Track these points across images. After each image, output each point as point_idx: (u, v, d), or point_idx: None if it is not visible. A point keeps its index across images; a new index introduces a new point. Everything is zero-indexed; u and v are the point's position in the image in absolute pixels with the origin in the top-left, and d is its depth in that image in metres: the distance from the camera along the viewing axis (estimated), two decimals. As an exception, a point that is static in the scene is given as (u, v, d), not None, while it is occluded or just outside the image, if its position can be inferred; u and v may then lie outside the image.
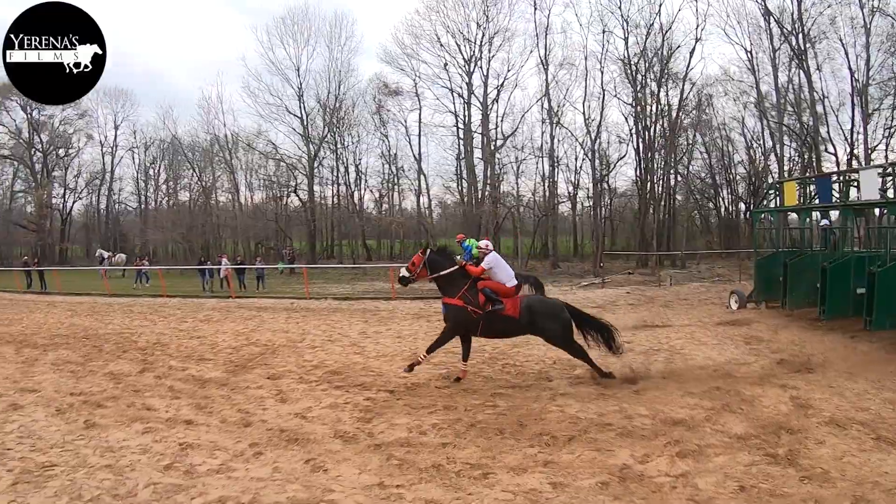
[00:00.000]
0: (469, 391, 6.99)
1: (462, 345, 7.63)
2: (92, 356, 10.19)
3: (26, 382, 8.34)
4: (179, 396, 7.47)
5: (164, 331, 12.90)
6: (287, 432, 5.86)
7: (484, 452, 5.09)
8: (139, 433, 6.09)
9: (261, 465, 5.17)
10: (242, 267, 24.40)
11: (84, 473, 5.09)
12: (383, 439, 5.54)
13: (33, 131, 44.87)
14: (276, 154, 37.86)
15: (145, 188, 45.23)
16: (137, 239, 44.00)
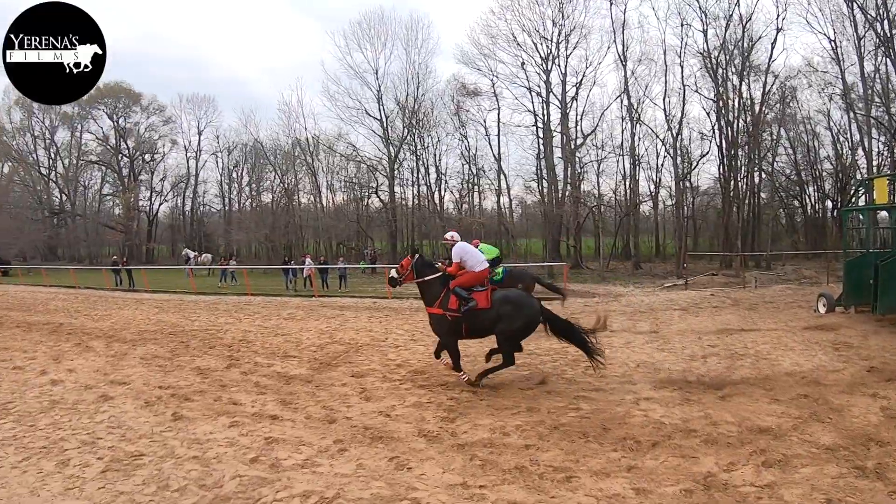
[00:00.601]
0: (552, 393, 7.59)
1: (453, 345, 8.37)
2: (179, 351, 11.60)
3: (116, 375, 9.69)
4: (265, 392, 8.38)
5: (249, 328, 14.32)
6: (371, 430, 6.52)
7: (567, 455, 5.55)
8: (226, 427, 6.93)
9: (345, 461, 5.75)
10: (325, 267, 26.84)
11: (172, 464, 5.90)
12: (467, 439, 6.09)
13: (120, 138, 53.29)
14: (357, 156, 42.14)
15: (229, 190, 51.94)
16: (221, 239, 50.14)
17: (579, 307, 16.62)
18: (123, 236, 53.15)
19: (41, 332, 14.53)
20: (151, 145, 54.06)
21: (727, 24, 31.37)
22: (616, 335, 11.77)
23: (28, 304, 22.06)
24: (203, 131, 51.91)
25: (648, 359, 9.52)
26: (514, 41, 35.28)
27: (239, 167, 51.12)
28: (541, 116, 35.92)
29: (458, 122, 39.10)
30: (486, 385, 8.07)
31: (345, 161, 43.62)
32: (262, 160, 48.11)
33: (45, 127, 55.40)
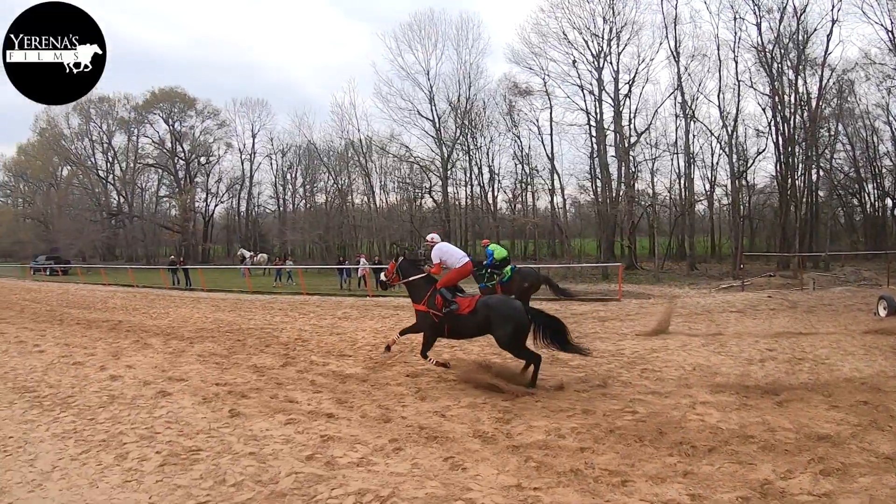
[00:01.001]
0: (608, 396, 7.63)
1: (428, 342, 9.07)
2: (236, 349, 11.95)
3: (174, 372, 10.06)
4: (321, 390, 8.57)
5: (304, 327, 14.64)
6: (426, 429, 6.63)
7: (623, 459, 5.58)
8: (282, 424, 7.11)
9: (400, 460, 5.85)
10: (380, 267, 26.60)
11: (229, 459, 6.08)
12: (522, 441, 6.15)
13: (175, 141, 56.53)
14: (410, 157, 43.56)
15: (283, 191, 54.35)
16: (276, 239, 52.11)
17: (634, 308, 16.50)
18: (180, 237, 55.84)
19: (101, 330, 15.19)
20: (207, 148, 57.01)
21: (781, 17, 31.03)
22: (672, 337, 11.80)
23: (88, 302, 23.15)
24: (257, 134, 54.55)
25: (705, 362, 9.50)
26: (564, 39, 35.60)
27: (293, 169, 53.32)
28: (593, 115, 36.06)
29: (510, 121, 39.85)
30: (541, 387, 8.11)
31: (398, 162, 44.99)
32: (315, 161, 49.98)
33: (102, 132, 59.04)
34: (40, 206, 65.25)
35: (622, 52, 34.78)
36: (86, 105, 57.66)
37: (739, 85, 32.67)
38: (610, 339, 11.72)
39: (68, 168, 62.34)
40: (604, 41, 34.78)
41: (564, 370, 9.07)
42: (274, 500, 5.15)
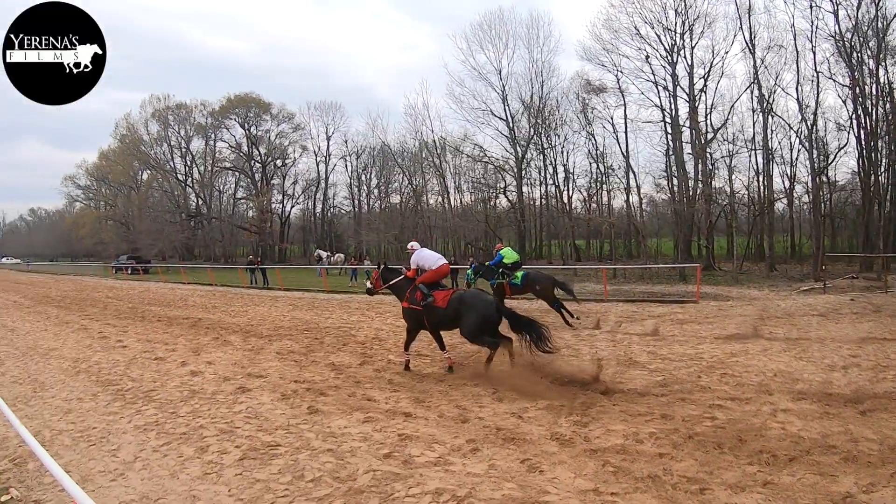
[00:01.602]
0: (687, 401, 7.60)
1: (434, 339, 10.06)
2: (314, 347, 12.29)
3: (253, 369, 10.43)
4: (398, 389, 8.72)
5: (381, 326, 14.92)
6: (504, 431, 6.70)
7: (701, 466, 5.56)
8: (360, 422, 7.26)
9: (477, 461, 5.90)
10: (455, 267, 27.03)
11: (307, 455, 6.24)
12: (599, 445, 6.19)
13: (252, 145, 59.57)
14: (484, 157, 44.05)
15: (358, 192, 56.21)
16: (351, 240, 53.19)
17: (713, 311, 16.06)
18: (257, 237, 58.31)
19: (181, 326, 15.93)
20: (282, 151, 59.88)
21: (858, 3, 29.23)
22: (751, 341, 11.53)
23: (168, 300, 24.26)
24: (331, 136, 56.80)
25: (786, 368, 9.31)
26: (636, 34, 35.13)
27: (368, 170, 55.04)
28: (668, 111, 35.46)
29: (584, 119, 39.58)
30: (620, 390, 8.15)
31: (471, 162, 45.60)
32: (389, 163, 51.54)
33: (180, 137, 62.99)
34: (121, 209, 70.05)
35: (695, 45, 34.09)
36: (164, 112, 62.09)
37: (818, 76, 31.29)
38: (689, 342, 11.53)
39: (148, 172, 66.69)
40: (676, 35, 34.16)
41: (643, 374, 9.06)
42: (351, 497, 5.26)
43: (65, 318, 19.37)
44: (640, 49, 35.20)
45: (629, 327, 13.81)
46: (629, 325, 14.06)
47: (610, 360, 9.99)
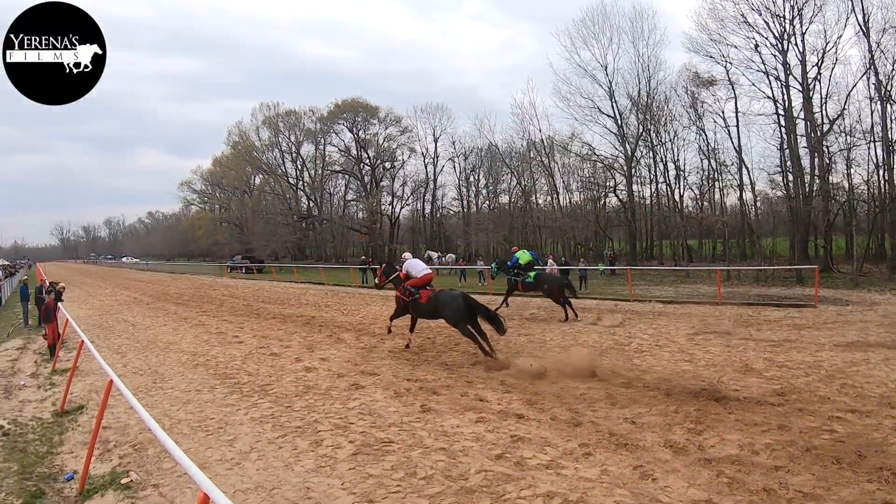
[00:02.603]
0: (805, 412, 7.37)
1: (412, 322, 12.59)
2: (426, 347, 12.51)
3: (366, 366, 10.74)
4: (511, 390, 8.74)
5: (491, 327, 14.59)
6: (617, 436, 6.68)
7: (818, 482, 5.38)
8: (472, 422, 7.34)
9: (590, 465, 5.86)
10: (567, 268, 27.56)
11: (419, 453, 6.36)
12: (714, 454, 6.10)
13: (360, 148, 62.00)
14: (592, 155, 43.39)
15: (467, 193, 56.81)
16: (461, 240, 53.47)
17: (832, 316, 15.14)
18: (367, 238, 59.92)
19: (295, 324, 16.60)
20: (391, 154, 61.71)
21: None
22: (873, 349, 10.85)
23: (282, 299, 25.30)
24: (439, 138, 57.93)
25: None
26: (744, 22, 33.42)
27: (476, 170, 55.60)
28: (781, 102, 33.51)
29: (693, 114, 38.28)
30: (735, 398, 7.92)
31: (580, 160, 45.16)
32: (497, 163, 51.85)
33: (290, 142, 66.72)
34: (235, 211, 74.71)
35: (806, 31, 32.05)
36: (274, 119, 65.88)
37: (939, 57, 28.50)
38: (807, 349, 11.00)
39: (260, 176, 70.92)
40: (785, 21, 32.27)
41: (759, 381, 8.82)
42: (463, 496, 5.31)
43: (183, 315, 20.68)
44: (748, 38, 33.65)
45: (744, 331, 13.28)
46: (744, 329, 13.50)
47: (725, 366, 9.83)
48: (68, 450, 7.41)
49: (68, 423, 8.48)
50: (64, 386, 9.92)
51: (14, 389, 10.78)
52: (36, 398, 10.09)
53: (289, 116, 66.03)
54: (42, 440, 7.83)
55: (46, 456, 7.22)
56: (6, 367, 12.78)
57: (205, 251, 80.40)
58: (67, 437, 7.89)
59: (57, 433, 8.09)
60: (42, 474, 6.62)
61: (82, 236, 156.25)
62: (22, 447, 7.54)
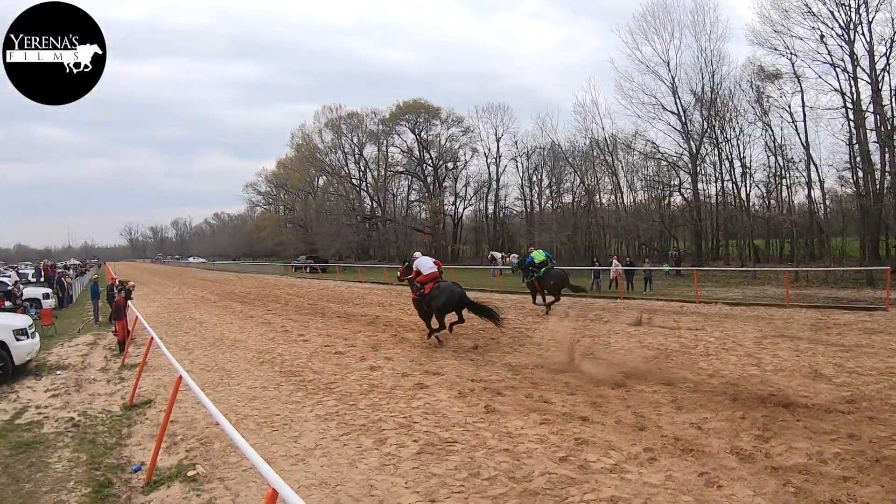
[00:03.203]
0: (875, 420, 7.16)
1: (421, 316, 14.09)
2: (490, 347, 12.51)
3: (430, 366, 10.83)
4: (575, 393, 8.67)
5: (556, 328, 14.68)
6: (682, 441, 6.59)
7: (888, 494, 5.24)
8: (536, 423, 7.32)
9: (654, 471, 5.79)
10: (632, 268, 27.30)
11: (483, 453, 6.37)
12: (781, 462, 5.95)
13: (423, 149, 62.80)
14: (656, 153, 42.73)
15: (530, 193, 56.85)
16: (524, 240, 53.40)
17: None
18: (430, 238, 60.19)
19: (359, 323, 16.86)
20: (453, 154, 62.33)
21: None
22: None
23: (346, 298, 25.69)
24: (501, 138, 58.20)
25: None
26: (808, 12, 32.21)
27: (538, 170, 55.48)
28: (849, 95, 32.12)
29: (759, 109, 37.14)
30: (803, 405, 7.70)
31: (644, 158, 44.56)
32: (560, 162, 51.52)
33: (353, 144, 67.82)
34: (300, 212, 76.49)
35: (873, 19, 30.56)
36: (336, 121, 67.14)
37: None
38: (878, 354, 10.65)
39: (324, 177, 72.37)
40: (851, 10, 30.90)
41: (829, 388, 8.57)
42: (526, 498, 5.31)
43: (249, 313, 21.20)
44: (813, 28, 32.41)
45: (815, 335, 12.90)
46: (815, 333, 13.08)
47: (793, 371, 9.60)
48: (136, 442, 7.73)
49: (136, 417, 8.84)
50: (133, 380, 10.35)
51: (85, 383, 11.34)
52: (105, 392, 10.58)
53: (351, 118, 67.18)
54: (111, 432, 8.19)
55: (115, 447, 7.55)
56: (77, 362, 13.41)
57: (270, 251, 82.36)
58: (135, 430, 8.23)
59: (125, 426, 8.45)
60: (110, 465, 6.92)
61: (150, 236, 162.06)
62: (91, 438, 7.91)
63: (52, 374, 12.13)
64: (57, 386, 11.12)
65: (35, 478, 6.59)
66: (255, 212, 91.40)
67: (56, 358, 13.97)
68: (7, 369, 11.53)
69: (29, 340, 12.21)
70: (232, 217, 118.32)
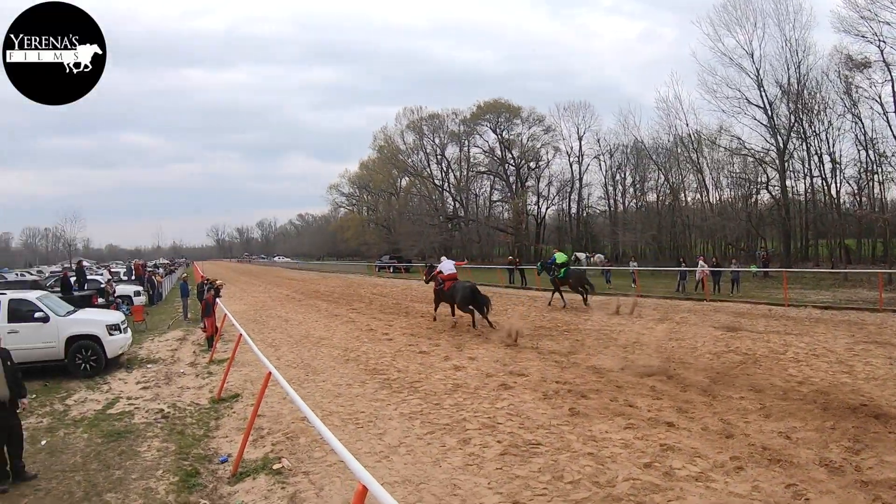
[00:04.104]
0: None
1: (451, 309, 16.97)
2: (575, 349, 12.39)
3: (514, 367, 10.78)
4: (661, 397, 8.50)
5: (641, 330, 14.60)
6: (769, 451, 6.40)
7: None
8: (621, 428, 7.21)
9: (741, 480, 5.63)
10: (718, 269, 26.36)
11: (567, 457, 6.33)
12: (871, 476, 5.72)
13: (504, 149, 63.28)
14: (742, 149, 41.29)
15: (613, 192, 56.26)
16: (607, 240, 52.47)
17: None
18: (513, 238, 60.15)
19: (443, 323, 16.96)
20: (535, 153, 62.44)
21: None
22: None
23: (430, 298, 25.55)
24: (583, 136, 58.05)
25: None
26: None
27: (622, 168, 54.75)
28: None
29: (848, 101, 35.54)
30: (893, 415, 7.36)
31: (729, 155, 43.18)
32: (644, 160, 50.69)
33: (434, 145, 69.02)
34: (383, 213, 78.19)
35: None
36: (418, 122, 68.43)
37: None
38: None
39: (406, 178, 73.59)
40: None
41: None
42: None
43: (334, 311, 21.71)
44: None
45: None
46: None
47: (886, 380, 9.13)
48: (223, 434, 8.04)
49: (224, 410, 9.20)
50: (220, 375, 10.81)
51: (174, 376, 11.88)
52: (194, 385, 11.05)
53: (432, 120, 68.23)
54: (199, 424, 8.55)
55: (202, 439, 7.88)
56: (167, 356, 14.06)
57: (353, 251, 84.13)
58: (223, 423, 8.56)
59: (213, 418, 8.80)
60: (198, 455, 7.22)
61: (236, 237, 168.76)
62: (180, 429, 8.27)
63: (142, 368, 12.81)
64: (147, 378, 11.72)
65: (125, 465, 6.96)
66: (339, 213, 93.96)
67: (146, 352, 14.72)
68: (100, 362, 12.17)
69: (121, 335, 12.87)
70: (316, 218, 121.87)
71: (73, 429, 8.48)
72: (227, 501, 5.93)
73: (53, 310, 12.24)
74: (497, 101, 62.75)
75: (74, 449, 7.58)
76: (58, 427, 8.58)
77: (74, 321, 12.37)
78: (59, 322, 12.05)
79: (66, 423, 8.80)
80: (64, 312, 12.57)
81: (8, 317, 11.65)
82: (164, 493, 6.12)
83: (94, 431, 8.27)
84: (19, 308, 11.88)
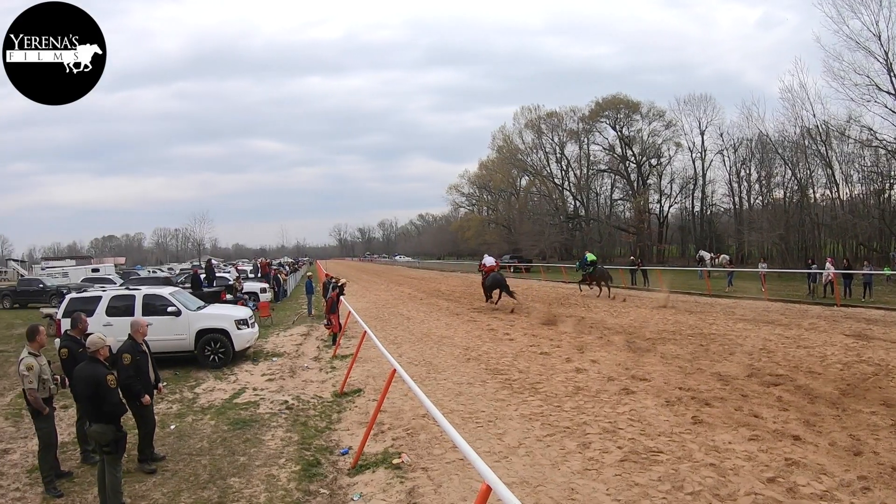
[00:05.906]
0: None
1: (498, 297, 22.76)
2: (699, 355, 11.98)
3: (637, 371, 10.59)
4: (787, 409, 8.09)
5: (768, 336, 13.88)
6: None
7: None
8: (745, 439, 6.95)
9: (867, 501, 5.29)
10: (849, 272, 24.13)
11: (688, 466, 6.17)
12: None
13: (625, 146, 61.72)
14: (874, 140, 37.47)
15: (738, 189, 53.07)
16: (732, 240, 50.04)
17: None
18: (635, 238, 58.64)
19: (564, 324, 16.82)
20: (656, 150, 60.37)
21: None
22: None
23: (551, 298, 25.92)
24: (705, 131, 55.46)
25: None
26: None
27: (746, 163, 51.64)
28: None
29: None
30: None
31: (860, 147, 39.40)
32: (770, 154, 47.48)
33: (553, 144, 68.44)
34: (503, 213, 78.13)
35: None
36: (536, 121, 68.03)
37: None
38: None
39: (526, 178, 73.23)
40: None
41: None
42: None
43: (455, 310, 22.06)
44: None
45: None
46: None
47: None
48: (345, 427, 8.37)
49: (346, 404, 9.56)
50: (343, 370, 11.27)
51: (298, 370, 12.46)
52: (317, 379, 11.54)
53: (550, 118, 67.58)
54: (321, 416, 8.95)
55: (324, 431, 8.25)
56: (291, 350, 14.75)
57: (473, 250, 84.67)
58: (345, 416, 8.91)
59: (335, 412, 9.18)
60: (319, 447, 7.58)
61: (358, 237, 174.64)
62: (303, 421, 8.68)
63: (268, 361, 13.50)
64: (272, 371, 12.36)
65: (249, 452, 7.40)
66: (459, 212, 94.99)
67: (272, 346, 15.51)
68: (228, 354, 12.99)
69: (248, 330, 13.65)
70: (436, 218, 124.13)
71: (200, 416, 9.12)
72: (346, 492, 6.18)
73: (185, 305, 13.22)
74: (615, 97, 61.29)
75: (201, 434, 8.16)
76: (186, 413, 9.27)
77: (205, 315, 13.31)
78: (190, 316, 12.99)
79: (195, 410, 9.49)
80: (195, 307, 13.48)
81: (143, 311, 12.60)
82: (286, 481, 6.46)
83: (220, 419, 8.86)
84: (153, 303, 12.95)
